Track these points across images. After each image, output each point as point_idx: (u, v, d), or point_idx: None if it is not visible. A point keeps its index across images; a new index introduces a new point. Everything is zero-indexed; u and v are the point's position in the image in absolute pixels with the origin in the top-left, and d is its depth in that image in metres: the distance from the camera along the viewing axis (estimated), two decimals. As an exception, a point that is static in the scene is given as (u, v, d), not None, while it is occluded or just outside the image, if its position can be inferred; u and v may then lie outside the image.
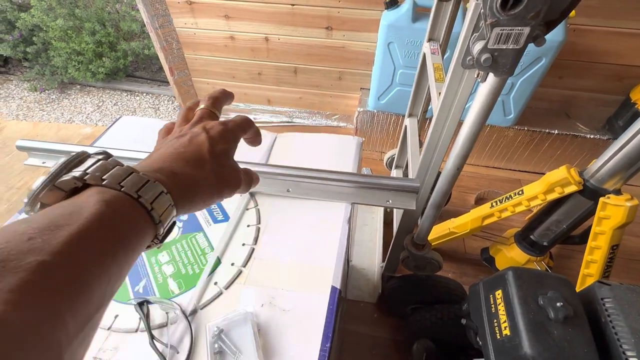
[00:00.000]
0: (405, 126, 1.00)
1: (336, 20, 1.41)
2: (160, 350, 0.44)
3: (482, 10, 0.39)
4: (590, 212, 0.83)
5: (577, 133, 1.44)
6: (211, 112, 0.35)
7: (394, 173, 1.19)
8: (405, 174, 1.13)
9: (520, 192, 0.92)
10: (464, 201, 1.53)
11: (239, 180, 0.33)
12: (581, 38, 1.29)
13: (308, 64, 1.59)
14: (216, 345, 0.44)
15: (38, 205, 0.21)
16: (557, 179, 0.82)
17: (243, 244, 0.57)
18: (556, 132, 1.45)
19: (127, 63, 2.50)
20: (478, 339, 0.63)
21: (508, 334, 0.54)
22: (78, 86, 2.70)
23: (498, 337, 0.56)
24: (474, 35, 0.43)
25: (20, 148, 0.72)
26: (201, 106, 0.35)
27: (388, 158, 1.28)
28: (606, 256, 0.80)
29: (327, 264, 0.54)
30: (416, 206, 0.59)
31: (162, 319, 0.48)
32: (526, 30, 0.38)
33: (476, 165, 1.67)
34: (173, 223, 0.27)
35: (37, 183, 0.22)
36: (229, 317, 0.47)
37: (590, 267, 0.84)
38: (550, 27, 0.42)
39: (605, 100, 1.47)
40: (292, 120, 1.88)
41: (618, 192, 0.78)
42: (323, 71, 1.61)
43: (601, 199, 0.78)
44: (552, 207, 0.91)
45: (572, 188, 0.81)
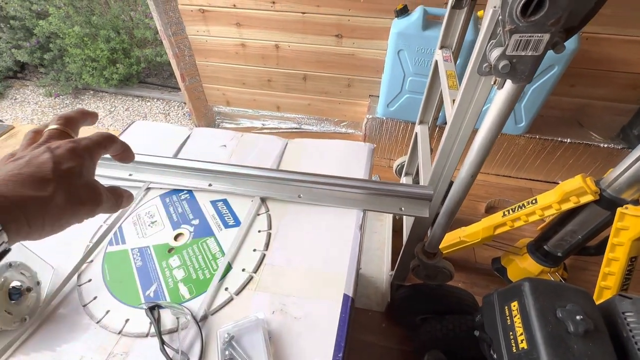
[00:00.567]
0: (415, 133, 0.99)
1: (346, 28, 1.42)
2: (170, 356, 0.44)
3: (501, 17, 0.39)
4: (607, 223, 0.81)
5: (591, 142, 1.42)
6: (62, 132, 0.31)
7: (404, 180, 1.19)
8: (415, 181, 1.12)
9: (533, 201, 0.90)
10: (474, 210, 1.51)
11: (98, 198, 0.31)
12: (594, 46, 1.28)
13: (317, 71, 1.61)
14: (227, 352, 0.44)
15: None
16: (573, 188, 0.81)
17: (254, 250, 0.57)
18: (569, 141, 1.43)
19: (140, 69, 2.55)
20: (492, 352, 0.61)
21: (525, 348, 0.52)
22: (91, 92, 2.76)
23: (514, 351, 0.54)
24: (491, 42, 0.43)
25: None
26: (51, 127, 0.32)
27: (397, 165, 1.27)
28: (624, 268, 0.78)
29: (339, 271, 0.53)
30: (429, 214, 0.58)
31: (173, 324, 0.48)
32: (546, 37, 0.38)
33: (486, 173, 1.65)
34: (4, 251, 0.25)
35: None
36: (240, 324, 0.46)
37: (607, 280, 0.82)
38: (570, 34, 0.41)
39: (619, 109, 1.45)
40: (301, 126, 1.89)
41: (636, 203, 0.76)
42: (332, 78, 1.62)
43: (619, 210, 0.76)
44: (567, 217, 0.89)
45: (588, 198, 0.79)
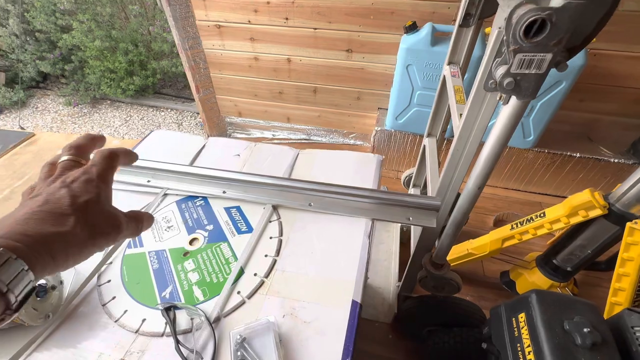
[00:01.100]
0: (424, 145, 1.01)
1: (356, 43, 1.47)
2: (185, 355, 0.46)
3: (505, 37, 0.41)
4: (616, 238, 0.81)
5: (600, 157, 1.41)
6: (74, 162, 0.32)
7: (412, 192, 1.20)
8: (423, 193, 1.14)
9: (542, 215, 0.90)
10: (483, 223, 1.51)
11: (118, 226, 0.31)
12: (602, 62, 1.29)
13: (328, 84, 1.65)
14: (239, 353, 0.45)
15: None
16: (581, 202, 0.81)
17: (265, 255, 0.59)
18: (578, 155, 1.43)
19: (156, 81, 2.65)
20: (500, 364, 0.61)
21: (532, 359, 0.52)
22: (108, 101, 2.86)
23: (522, 363, 0.54)
24: (497, 60, 0.45)
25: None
26: (63, 158, 0.32)
27: (405, 177, 1.29)
28: (635, 284, 0.77)
29: (348, 278, 0.54)
30: (436, 224, 0.60)
31: (187, 325, 0.50)
32: (548, 56, 0.40)
33: (494, 186, 1.65)
34: (32, 289, 0.25)
35: None
36: (252, 326, 0.48)
37: (618, 295, 0.81)
38: (572, 53, 0.43)
39: (628, 124, 1.45)
40: (310, 137, 1.93)
41: (646, 218, 0.76)
42: (342, 91, 1.66)
43: (628, 224, 0.76)
44: (576, 231, 0.89)
45: (597, 212, 0.79)
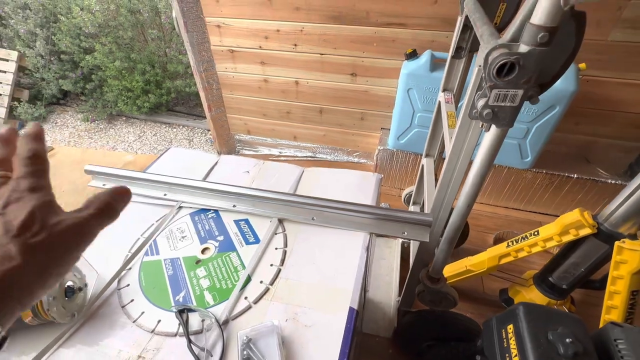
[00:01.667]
0: (422, 165, 1.07)
1: (360, 68, 1.56)
2: (196, 353, 0.50)
3: (483, 74, 0.48)
4: (607, 256, 0.84)
5: (598, 178, 1.45)
6: (3, 180, 0.27)
7: (412, 209, 1.24)
8: (422, 210, 1.18)
9: (536, 233, 0.94)
10: (483, 241, 1.53)
11: (82, 231, 0.26)
12: (595, 88, 1.35)
13: (333, 105, 1.73)
14: (245, 352, 0.50)
15: None
16: (571, 221, 0.85)
17: (271, 265, 0.64)
18: (575, 176, 1.47)
19: (170, 99, 2.78)
20: (491, 375, 0.64)
21: (519, 368, 0.55)
22: (124, 118, 2.99)
23: (510, 372, 0.58)
24: (478, 93, 0.52)
25: (87, 172, 0.85)
26: None
27: (406, 194, 1.34)
28: (627, 302, 0.80)
29: (346, 287, 0.59)
30: (430, 239, 0.65)
31: (198, 326, 0.55)
32: (520, 92, 0.46)
33: (495, 205, 1.68)
34: (3, 339, 0.23)
35: None
36: (257, 328, 0.53)
37: (611, 313, 0.83)
38: (544, 89, 0.50)
39: (625, 146, 1.49)
40: (316, 155, 2.00)
41: (634, 237, 0.79)
42: (347, 112, 1.74)
43: (616, 243, 0.79)
44: (569, 250, 0.93)
45: (587, 231, 0.83)
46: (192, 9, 1.54)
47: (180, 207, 0.78)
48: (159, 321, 0.56)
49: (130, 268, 0.65)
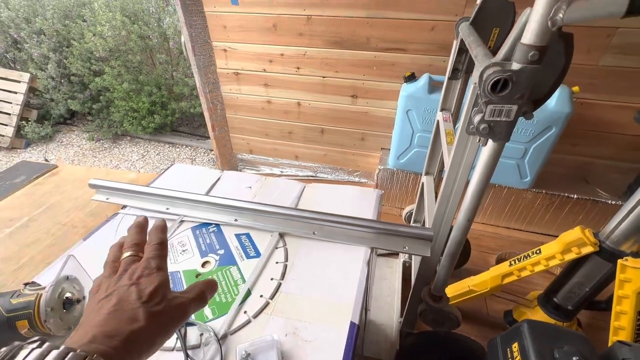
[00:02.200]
0: (422, 183, 1.08)
1: (361, 90, 1.61)
2: (193, 368, 0.49)
3: (479, 91, 0.50)
4: (611, 275, 0.83)
5: (598, 198, 1.45)
6: (136, 258, 0.35)
7: (412, 227, 1.24)
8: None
9: (537, 251, 0.94)
10: (485, 261, 1.51)
11: (184, 310, 0.33)
12: (589, 110, 1.39)
13: (334, 126, 1.77)
14: (244, 367, 0.49)
15: None
16: (572, 239, 0.85)
17: (271, 279, 0.63)
18: (575, 197, 1.47)
19: (174, 120, 2.84)
20: (498, 398, 0.62)
21: (526, 389, 0.54)
22: (128, 137, 3.05)
23: (517, 393, 0.56)
24: (474, 109, 0.54)
25: (91, 186, 0.86)
26: (125, 255, 0.36)
27: (407, 213, 1.34)
28: (634, 321, 0.78)
29: (347, 301, 0.58)
30: (431, 254, 0.64)
31: (196, 341, 0.54)
32: (514, 107, 0.48)
33: (496, 225, 1.68)
34: None
35: None
36: (256, 343, 0.51)
37: (619, 334, 0.81)
38: (538, 105, 0.52)
39: (622, 168, 1.50)
40: (317, 174, 2.02)
41: (636, 255, 0.78)
42: (347, 132, 1.77)
43: (619, 261, 0.79)
44: (572, 269, 0.92)
45: (589, 249, 0.83)
46: (200, 34, 1.61)
47: (182, 221, 0.78)
48: (157, 335, 0.55)
49: (129, 281, 0.64)
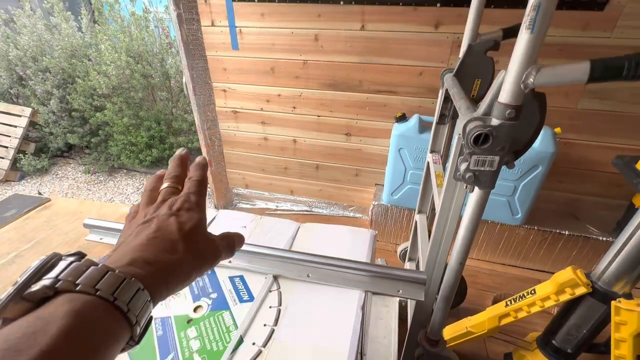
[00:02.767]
0: (415, 221, 1.09)
1: (354, 128, 1.67)
2: None
3: (463, 142, 0.53)
4: (607, 316, 0.83)
5: (589, 235, 1.47)
6: (174, 189, 0.34)
7: (407, 265, 1.23)
8: (417, 267, 1.17)
9: (532, 292, 0.93)
10: (482, 299, 1.49)
11: (217, 251, 0.32)
12: (573, 150, 1.45)
13: (329, 162, 1.82)
14: None
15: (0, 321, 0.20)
16: (565, 280, 0.85)
17: (264, 325, 0.62)
18: (567, 233, 1.49)
19: (172, 153, 2.88)
20: None
21: None
22: (124, 170, 3.06)
23: None
24: (460, 157, 0.57)
25: (85, 225, 0.86)
26: (164, 185, 0.35)
27: (401, 250, 1.34)
28: (634, 367, 0.77)
29: (341, 349, 0.57)
30: (425, 297, 0.64)
31: (185, 394, 0.52)
32: (497, 158, 0.51)
33: (491, 262, 1.67)
34: (149, 320, 0.26)
35: (3, 296, 0.20)
36: (248, 396, 0.50)
37: (620, 381, 0.79)
38: (519, 155, 0.55)
39: (609, 204, 1.54)
40: (312, 209, 2.03)
41: (629, 296, 0.79)
42: (342, 168, 1.81)
43: (613, 304, 0.79)
44: (568, 310, 0.91)
45: (582, 290, 0.83)
46: (201, 76, 1.69)
47: (175, 263, 0.77)
48: (143, 388, 0.53)
49: (118, 328, 0.63)
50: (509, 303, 0.98)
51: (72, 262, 0.23)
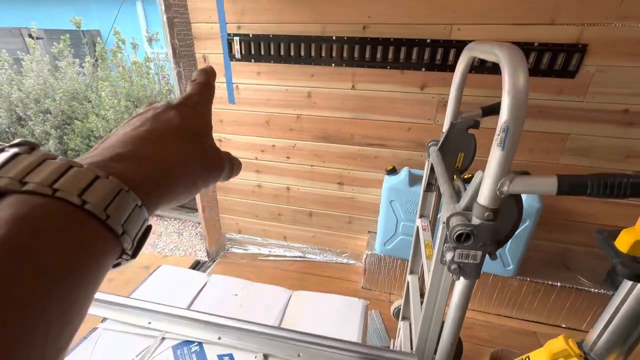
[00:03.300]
0: (407, 282, 1.09)
1: (347, 178, 1.71)
2: None
3: (447, 232, 0.56)
4: (603, 390, 0.82)
5: (581, 286, 1.48)
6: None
7: (401, 324, 1.22)
8: (410, 330, 1.16)
9: (526, 359, 0.92)
10: (479, 354, 1.46)
11: (222, 161, 0.27)
12: (559, 202, 1.50)
13: (322, 209, 1.83)
14: None
15: None
16: (558, 350, 0.84)
17: (253, 416, 0.60)
18: (559, 285, 1.49)
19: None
20: None
21: None
22: (117, 210, 3.03)
23: None
24: (445, 244, 0.59)
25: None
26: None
27: (395, 309, 1.32)
28: None
29: None
30: (417, 381, 0.64)
31: None
32: (479, 252, 0.53)
33: (487, 312, 1.65)
34: (148, 228, 0.20)
35: None
36: None
37: None
38: (500, 245, 0.57)
39: (599, 254, 1.56)
40: (305, 255, 2.01)
41: (622, 370, 0.78)
42: (335, 216, 1.83)
43: (607, 378, 0.78)
44: (565, 380, 0.89)
45: (575, 361, 0.82)
46: (198, 127, 1.75)
47: (163, 339, 0.76)
48: None
49: (99, 420, 0.60)
50: (504, 370, 0.96)
51: (19, 154, 0.16)
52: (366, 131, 1.57)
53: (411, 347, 0.86)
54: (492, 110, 0.85)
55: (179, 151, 0.22)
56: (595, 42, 1.21)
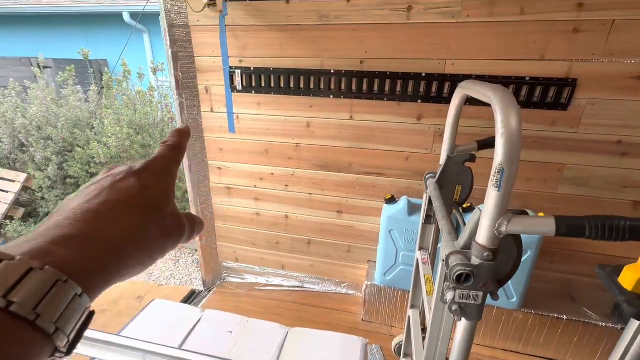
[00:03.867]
0: (408, 317, 1.06)
1: (346, 206, 1.71)
2: None
3: (446, 271, 0.55)
4: None
5: (588, 320, 1.43)
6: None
7: (403, 361, 1.17)
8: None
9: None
10: (486, 395, 1.38)
11: (182, 227, 0.26)
12: (559, 231, 1.48)
13: (320, 238, 1.81)
14: None
15: None
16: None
17: None
18: (565, 318, 1.45)
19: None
20: None
21: None
22: (113, 237, 2.99)
23: None
24: (446, 283, 0.58)
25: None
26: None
27: (396, 345, 1.27)
28: None
29: None
30: None
31: None
32: (480, 293, 0.52)
33: (493, 347, 1.59)
34: (89, 316, 0.19)
35: None
36: None
37: None
38: (502, 284, 0.56)
39: (604, 286, 1.53)
40: (303, 285, 1.96)
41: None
42: (334, 244, 1.81)
43: None
44: None
45: (587, 406, 0.78)
46: (198, 155, 1.76)
47: (152, 381, 0.72)
48: None
49: None
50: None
51: None
52: (364, 160, 1.59)
53: (414, 389, 0.82)
54: (487, 144, 0.87)
55: (135, 224, 0.21)
56: (584, 77, 1.25)
